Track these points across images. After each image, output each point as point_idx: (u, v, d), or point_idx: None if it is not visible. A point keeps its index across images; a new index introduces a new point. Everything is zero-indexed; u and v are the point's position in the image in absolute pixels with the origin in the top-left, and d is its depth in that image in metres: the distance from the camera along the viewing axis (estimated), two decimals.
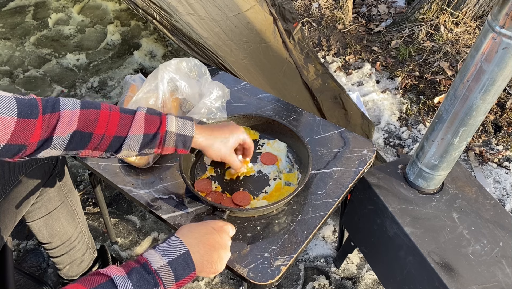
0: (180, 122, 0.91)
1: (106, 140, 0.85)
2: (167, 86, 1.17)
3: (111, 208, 1.83)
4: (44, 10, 3.13)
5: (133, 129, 0.86)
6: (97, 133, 0.83)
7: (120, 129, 0.85)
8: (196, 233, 0.77)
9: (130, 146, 0.87)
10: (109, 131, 0.84)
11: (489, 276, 1.00)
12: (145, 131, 0.87)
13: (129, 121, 0.86)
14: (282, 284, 1.58)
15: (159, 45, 2.76)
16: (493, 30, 0.83)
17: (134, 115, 0.87)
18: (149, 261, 0.68)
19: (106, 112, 0.84)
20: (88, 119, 0.82)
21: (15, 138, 0.74)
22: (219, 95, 1.23)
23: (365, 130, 1.96)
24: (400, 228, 1.11)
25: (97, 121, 0.82)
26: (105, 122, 0.83)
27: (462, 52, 2.57)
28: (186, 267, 0.70)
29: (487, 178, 2.01)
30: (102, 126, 0.83)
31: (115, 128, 0.84)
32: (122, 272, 0.66)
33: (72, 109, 0.80)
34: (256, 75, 1.73)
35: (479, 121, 0.99)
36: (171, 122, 0.90)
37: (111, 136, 0.84)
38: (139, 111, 0.88)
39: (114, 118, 0.84)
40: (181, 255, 0.70)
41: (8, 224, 1.06)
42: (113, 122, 0.84)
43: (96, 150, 0.86)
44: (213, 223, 0.82)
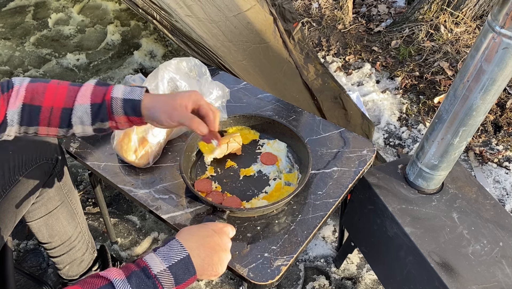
0: (128, 89, 0.88)
1: (56, 113, 0.84)
2: (167, 86, 1.17)
3: (111, 208, 1.83)
4: (44, 10, 3.13)
5: (78, 99, 0.85)
6: (45, 106, 0.84)
7: (67, 100, 0.85)
8: (197, 236, 0.77)
9: (81, 118, 0.85)
10: (56, 103, 0.84)
11: (489, 276, 1.00)
12: (91, 101, 0.85)
13: (76, 92, 0.85)
14: (282, 284, 1.58)
15: (159, 45, 2.76)
16: (493, 30, 0.83)
17: (81, 87, 0.87)
18: (149, 265, 0.68)
19: (54, 85, 0.85)
20: (36, 91, 0.84)
21: None
22: (219, 95, 1.23)
23: (365, 130, 1.96)
24: (400, 228, 1.11)
25: (44, 93, 0.84)
26: (53, 94, 0.84)
27: (462, 52, 2.57)
28: (187, 271, 0.70)
29: (487, 178, 2.01)
30: (49, 98, 0.84)
31: (62, 100, 0.85)
32: (122, 275, 0.65)
33: (20, 84, 0.84)
34: (256, 76, 1.73)
35: (479, 121, 0.99)
36: (117, 90, 0.87)
37: (59, 108, 0.84)
38: (87, 83, 0.87)
39: (62, 90, 0.85)
40: (182, 259, 0.70)
41: (8, 223, 1.06)
42: (61, 94, 0.85)
43: (51, 126, 0.86)
44: (213, 225, 0.82)
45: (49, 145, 1.14)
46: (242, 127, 1.27)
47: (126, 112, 0.86)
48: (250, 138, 1.26)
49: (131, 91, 0.87)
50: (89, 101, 0.85)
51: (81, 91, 0.85)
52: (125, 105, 0.85)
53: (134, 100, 0.85)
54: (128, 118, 0.87)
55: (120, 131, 1.15)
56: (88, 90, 0.86)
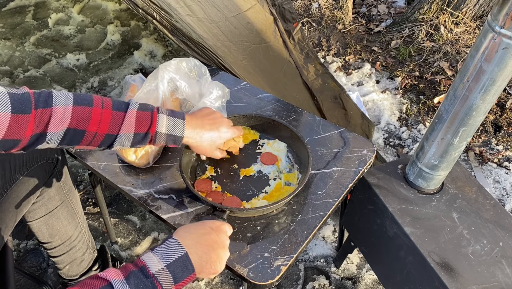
0: (171, 122, 0.92)
1: (99, 137, 0.87)
2: (167, 86, 1.17)
3: (111, 208, 1.83)
4: (44, 10, 3.13)
5: (123, 129, 0.87)
6: (90, 130, 0.85)
7: (112, 128, 0.87)
8: (194, 234, 0.77)
9: (122, 143, 0.89)
10: (101, 130, 0.86)
11: (489, 276, 1.00)
12: (135, 130, 0.88)
13: (121, 120, 0.87)
14: (282, 284, 1.58)
15: (159, 45, 2.76)
16: (493, 30, 0.83)
17: (125, 113, 0.88)
18: (147, 264, 0.68)
19: (98, 110, 0.85)
20: (81, 117, 0.83)
21: (9, 134, 0.75)
22: (219, 95, 1.23)
23: (365, 130, 1.96)
24: (400, 228, 1.11)
25: (89, 119, 0.84)
26: (97, 120, 0.85)
27: (462, 52, 2.57)
28: (185, 269, 0.70)
29: (487, 178, 2.01)
30: (94, 124, 0.85)
31: (107, 127, 0.86)
32: (120, 276, 0.65)
33: (65, 106, 0.81)
34: (256, 76, 1.73)
35: (479, 121, 0.99)
36: (161, 123, 0.91)
37: (103, 134, 0.87)
38: (130, 110, 0.88)
39: (106, 116, 0.86)
40: (180, 257, 0.70)
41: (8, 223, 1.06)
42: (105, 120, 0.86)
43: (90, 145, 0.88)
44: (211, 223, 0.82)
45: None
46: (242, 127, 1.27)
47: (167, 143, 0.94)
48: (250, 138, 1.26)
49: (174, 126, 0.93)
50: (133, 131, 0.88)
51: (126, 120, 0.88)
52: (168, 139, 0.93)
53: (176, 136, 0.94)
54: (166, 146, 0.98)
55: None
56: (133, 119, 0.88)
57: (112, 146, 0.89)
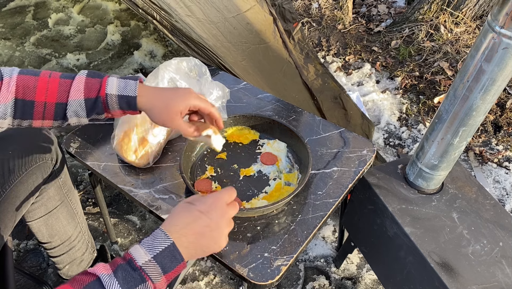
0: (122, 83, 0.87)
1: (50, 107, 0.84)
2: (167, 86, 1.17)
3: (111, 208, 1.83)
4: (44, 10, 3.13)
5: (72, 95, 0.84)
6: (38, 100, 0.83)
7: (60, 95, 0.84)
8: (180, 225, 0.73)
9: (76, 112, 0.85)
10: (49, 98, 0.83)
11: (489, 276, 1.00)
12: (85, 96, 0.84)
13: (68, 86, 0.84)
14: (282, 284, 1.58)
15: (159, 45, 2.76)
16: (493, 30, 0.83)
17: (73, 80, 0.85)
18: (134, 257, 0.67)
19: (45, 78, 0.84)
20: (27, 86, 0.82)
21: None
22: (219, 95, 1.23)
23: (365, 130, 1.96)
24: (400, 228, 1.11)
25: (35, 88, 0.82)
26: (44, 89, 0.83)
27: (462, 52, 2.57)
28: (174, 259, 0.69)
29: (487, 178, 2.01)
30: (41, 93, 0.83)
31: (55, 95, 0.84)
32: (108, 270, 0.65)
33: (10, 76, 0.82)
34: (255, 76, 1.73)
35: (479, 121, 0.99)
36: (111, 84, 0.86)
37: (53, 104, 0.84)
38: (78, 76, 0.86)
39: (53, 84, 0.84)
40: (167, 248, 0.69)
41: (8, 223, 1.06)
42: (53, 89, 0.83)
43: (45, 119, 0.86)
44: (200, 204, 0.75)
45: (49, 144, 1.14)
46: (242, 127, 1.27)
47: (121, 107, 0.87)
48: (250, 138, 1.26)
49: (125, 86, 0.86)
50: (82, 96, 0.84)
51: (74, 85, 0.84)
52: (120, 101, 0.86)
53: (129, 97, 0.86)
54: (124, 112, 0.88)
55: (120, 132, 1.16)
56: (81, 84, 0.84)
57: (66, 117, 0.85)
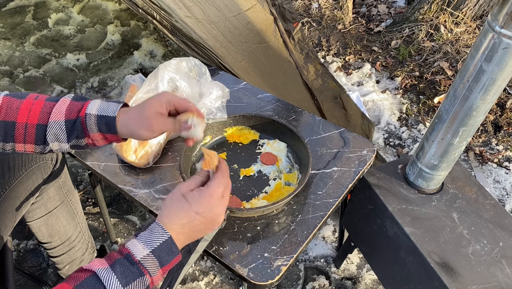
0: (104, 105, 0.83)
1: (30, 130, 0.81)
2: (167, 86, 1.17)
3: (111, 208, 1.83)
4: (44, 10, 3.13)
5: (53, 116, 0.81)
6: (19, 121, 0.80)
7: (42, 116, 0.81)
8: (177, 224, 0.71)
9: (56, 135, 0.82)
10: (31, 119, 0.81)
11: (489, 276, 1.00)
12: (66, 117, 0.81)
13: (51, 108, 0.82)
14: (282, 284, 1.58)
15: (159, 45, 2.76)
16: (493, 30, 0.83)
17: (56, 102, 0.83)
18: (132, 252, 0.67)
19: (30, 100, 0.82)
20: (10, 107, 0.81)
21: None
22: (219, 95, 1.23)
23: (365, 130, 1.96)
24: (400, 228, 1.11)
25: (18, 109, 0.81)
26: (27, 109, 0.81)
27: (462, 52, 2.57)
28: (170, 253, 0.69)
29: (487, 178, 2.01)
30: (24, 114, 0.80)
31: (37, 116, 0.81)
32: (105, 264, 0.65)
33: None
34: (255, 76, 1.73)
35: (479, 121, 0.99)
36: (92, 105, 0.82)
37: (34, 125, 0.81)
38: (63, 98, 0.84)
39: (37, 106, 0.82)
40: (164, 242, 0.69)
41: (8, 223, 1.06)
42: (35, 110, 0.82)
43: (26, 143, 0.83)
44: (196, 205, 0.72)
45: None
46: (242, 127, 1.27)
47: (100, 129, 0.82)
48: (250, 138, 1.26)
49: (106, 108, 0.82)
50: (63, 118, 0.81)
51: (56, 107, 0.82)
52: (99, 122, 0.81)
53: (108, 117, 0.81)
54: (104, 136, 0.83)
55: None
56: (64, 106, 0.82)
57: (47, 142, 0.82)
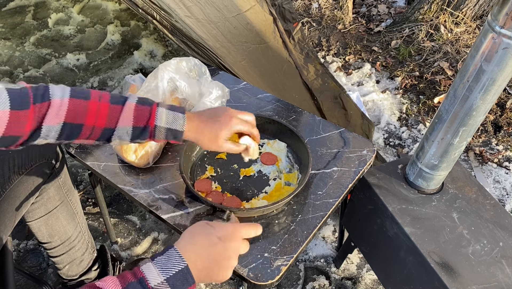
0: (170, 116, 0.88)
1: (97, 131, 0.85)
2: (167, 86, 1.17)
3: (111, 208, 1.83)
4: (44, 10, 3.13)
5: (121, 122, 0.85)
6: (87, 124, 0.83)
7: (109, 121, 0.85)
8: (197, 245, 0.72)
9: (120, 136, 0.87)
10: (98, 123, 0.84)
11: (489, 276, 1.00)
12: (134, 123, 0.86)
13: (118, 113, 0.85)
14: (282, 284, 1.58)
15: (159, 45, 2.76)
16: (493, 30, 0.83)
17: (123, 106, 0.85)
18: (146, 277, 0.66)
19: (95, 103, 0.83)
20: (77, 110, 0.82)
21: (9, 131, 0.74)
22: (219, 95, 1.23)
23: (365, 130, 1.96)
24: (400, 228, 1.10)
25: (86, 112, 0.82)
26: (95, 114, 0.83)
27: (462, 52, 2.57)
28: (185, 282, 0.68)
29: (487, 178, 2.01)
30: (91, 118, 0.83)
31: (104, 120, 0.84)
32: (118, 286, 0.64)
33: (61, 98, 0.81)
34: (255, 76, 1.73)
35: (479, 121, 0.99)
36: (160, 116, 0.87)
37: (101, 128, 0.85)
38: (129, 102, 0.86)
39: (104, 109, 0.84)
40: (180, 270, 0.68)
41: (8, 223, 1.05)
42: (103, 114, 0.84)
43: (88, 139, 0.86)
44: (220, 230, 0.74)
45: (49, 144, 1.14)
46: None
47: (167, 138, 0.90)
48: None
49: (174, 120, 0.88)
50: (131, 124, 0.86)
51: (124, 112, 0.85)
52: (168, 134, 0.89)
53: (176, 131, 0.89)
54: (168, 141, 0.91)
55: None
56: (130, 112, 0.85)
57: (110, 140, 0.87)
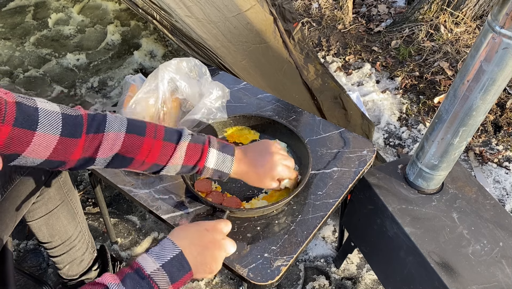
0: (220, 158, 0.90)
1: (146, 165, 0.86)
2: (167, 86, 1.17)
3: (111, 208, 1.83)
4: (44, 10, 3.13)
5: (172, 161, 0.86)
6: (138, 159, 0.84)
7: (161, 158, 0.85)
8: (189, 234, 0.77)
9: (168, 171, 0.89)
10: (149, 159, 0.84)
11: (489, 276, 1.00)
12: (184, 162, 0.87)
13: (171, 152, 0.86)
14: (282, 284, 1.58)
15: (159, 45, 2.76)
16: (493, 30, 0.83)
17: (177, 145, 0.86)
18: (142, 266, 0.68)
19: (150, 140, 0.83)
20: (132, 145, 0.82)
21: (55, 155, 0.74)
22: (219, 95, 1.23)
23: (365, 130, 1.96)
24: (400, 228, 1.11)
25: (140, 148, 0.82)
26: (148, 150, 0.83)
27: (462, 52, 2.57)
28: (181, 268, 0.70)
29: (487, 178, 2.01)
30: (143, 154, 0.83)
31: (155, 157, 0.85)
32: (116, 279, 0.66)
33: (117, 132, 0.80)
34: (256, 76, 1.73)
35: (479, 121, 0.99)
36: (211, 158, 0.89)
37: (150, 163, 0.86)
38: (182, 141, 0.86)
39: (157, 147, 0.84)
40: (175, 256, 0.70)
41: (8, 223, 1.06)
42: (155, 151, 0.84)
43: (136, 170, 0.88)
44: (206, 224, 0.81)
45: None
46: (242, 127, 1.27)
47: (213, 177, 0.93)
48: (250, 138, 1.26)
49: (223, 162, 0.91)
50: (181, 163, 0.87)
51: (176, 153, 0.86)
52: (214, 174, 0.91)
53: (223, 173, 0.92)
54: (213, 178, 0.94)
55: None
56: (183, 152, 0.86)
57: (158, 173, 0.89)
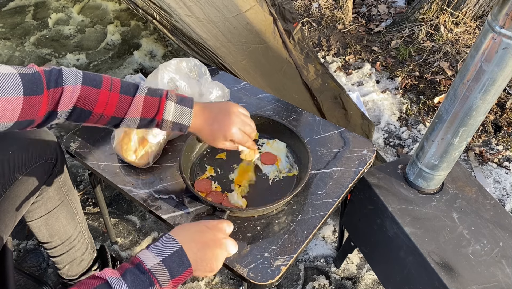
0: (178, 110, 0.91)
1: (105, 118, 0.88)
2: (167, 86, 1.17)
3: (111, 208, 1.83)
4: (44, 10, 3.13)
5: (129, 113, 0.89)
6: (96, 112, 0.86)
7: (118, 110, 0.88)
8: (189, 231, 0.77)
9: (128, 125, 0.91)
10: (107, 112, 0.87)
11: (489, 276, 1.00)
12: (142, 115, 0.89)
13: (127, 104, 0.88)
14: (282, 284, 1.58)
15: (159, 45, 2.76)
16: (493, 30, 0.83)
17: (133, 98, 0.88)
18: (142, 260, 0.68)
19: (106, 92, 0.86)
20: (88, 97, 0.85)
21: (24, 115, 0.76)
22: (219, 95, 1.23)
23: (365, 130, 1.96)
24: (400, 228, 1.11)
25: (96, 101, 0.85)
26: (104, 102, 0.86)
27: (462, 52, 2.57)
28: (181, 264, 0.70)
29: (487, 178, 2.01)
30: (101, 106, 0.86)
31: (113, 109, 0.87)
32: (117, 274, 0.66)
33: (74, 85, 0.83)
34: (255, 76, 1.73)
35: (479, 121, 0.99)
36: (168, 111, 0.90)
37: (109, 116, 0.88)
38: (138, 94, 0.89)
39: (113, 99, 0.87)
40: (175, 252, 0.70)
41: (8, 223, 1.06)
42: (112, 103, 0.87)
43: (97, 123, 0.90)
44: (207, 222, 0.81)
45: (49, 144, 1.14)
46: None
47: (173, 130, 0.94)
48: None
49: (181, 114, 0.92)
50: (139, 115, 0.89)
51: (133, 105, 0.88)
52: (174, 127, 0.93)
53: (182, 125, 0.93)
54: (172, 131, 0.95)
55: (120, 131, 1.16)
56: (140, 104, 0.88)
57: (118, 127, 0.92)
